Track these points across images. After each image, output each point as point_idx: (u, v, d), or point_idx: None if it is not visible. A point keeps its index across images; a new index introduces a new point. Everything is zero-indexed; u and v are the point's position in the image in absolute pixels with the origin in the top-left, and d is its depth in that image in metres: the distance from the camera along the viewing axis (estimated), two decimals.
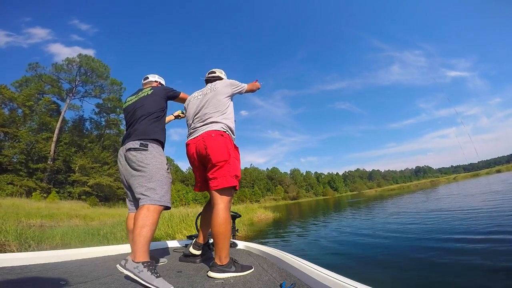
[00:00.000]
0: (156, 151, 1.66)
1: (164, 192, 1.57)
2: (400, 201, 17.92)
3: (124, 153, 1.67)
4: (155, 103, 1.82)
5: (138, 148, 1.62)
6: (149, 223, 1.40)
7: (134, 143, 1.64)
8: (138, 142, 1.63)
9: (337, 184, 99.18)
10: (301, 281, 1.24)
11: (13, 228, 6.02)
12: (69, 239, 6.84)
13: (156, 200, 1.49)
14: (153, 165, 1.60)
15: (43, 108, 30.85)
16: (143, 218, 1.40)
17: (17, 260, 1.61)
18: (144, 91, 1.90)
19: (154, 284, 1.23)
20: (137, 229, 1.37)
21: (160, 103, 1.85)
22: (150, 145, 1.65)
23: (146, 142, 1.64)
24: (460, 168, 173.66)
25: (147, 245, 1.36)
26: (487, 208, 7.72)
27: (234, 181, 1.58)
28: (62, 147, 30.61)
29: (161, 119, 1.83)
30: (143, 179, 1.56)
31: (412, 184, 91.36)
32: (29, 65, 31.12)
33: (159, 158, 1.65)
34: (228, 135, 1.69)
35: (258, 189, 70.20)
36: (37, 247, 5.88)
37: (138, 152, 1.61)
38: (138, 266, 1.28)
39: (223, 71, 2.10)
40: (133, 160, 1.62)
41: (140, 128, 1.70)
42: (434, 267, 3.53)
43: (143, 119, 1.73)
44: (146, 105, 1.78)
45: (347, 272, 1.07)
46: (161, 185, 1.57)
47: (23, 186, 24.15)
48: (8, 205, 14.64)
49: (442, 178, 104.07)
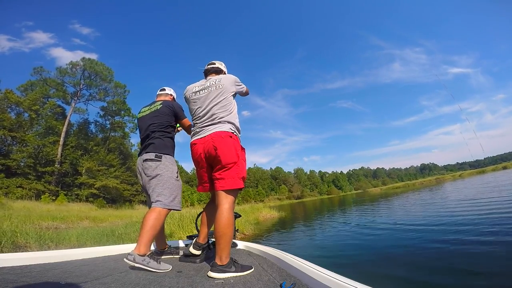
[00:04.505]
0: (168, 162, 1.96)
1: (173, 197, 1.88)
2: (404, 199, 17.72)
3: (142, 163, 1.96)
4: (164, 118, 2.08)
5: (153, 159, 1.92)
6: (158, 224, 1.73)
7: (150, 155, 1.94)
8: (153, 154, 1.93)
9: (342, 183, 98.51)
10: (301, 281, 1.23)
11: (32, 231, 6.18)
12: (84, 239, 6.96)
13: (165, 205, 1.81)
14: (165, 174, 1.90)
15: (48, 112, 31.28)
16: (154, 220, 1.71)
17: (17, 260, 1.61)
18: (155, 105, 2.16)
19: (161, 268, 1.60)
20: (147, 227, 1.66)
21: (169, 119, 2.11)
22: (164, 156, 1.95)
23: (160, 154, 1.95)
24: (466, 165, 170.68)
25: (152, 241, 1.71)
26: (495, 206, 7.57)
27: (241, 183, 1.59)
28: (68, 151, 31.05)
29: (171, 133, 2.13)
30: (157, 186, 1.86)
31: (417, 182, 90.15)
32: (34, 69, 31.70)
33: (171, 168, 1.96)
34: (236, 136, 1.68)
35: (262, 189, 70.20)
36: (55, 248, 5.99)
37: (153, 163, 1.92)
38: (145, 259, 1.58)
39: (223, 63, 2.05)
40: (149, 169, 1.91)
41: (155, 142, 1.99)
42: (434, 267, 3.50)
43: (157, 133, 2.02)
44: (158, 120, 2.06)
45: (347, 272, 1.06)
46: (171, 192, 1.88)
47: (32, 189, 24.57)
48: (19, 208, 14.96)
49: (447, 176, 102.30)
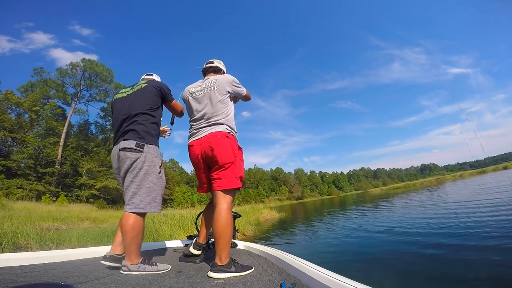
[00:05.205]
0: (151, 153, 1.61)
1: (152, 198, 1.57)
2: (405, 199, 17.70)
3: (118, 152, 1.61)
4: (151, 99, 1.73)
5: (133, 149, 1.56)
6: (138, 231, 1.53)
7: (129, 143, 1.57)
8: (134, 142, 1.57)
9: (342, 184, 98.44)
10: (301, 281, 1.22)
11: (33, 232, 6.19)
12: (85, 240, 6.97)
13: (140, 208, 1.53)
14: (144, 169, 1.57)
15: (49, 113, 31.35)
16: (133, 228, 1.50)
17: (17, 260, 1.61)
18: (139, 83, 1.83)
19: (159, 269, 1.56)
20: (128, 237, 1.49)
21: (155, 101, 1.76)
22: (147, 146, 1.60)
23: (143, 144, 1.59)
24: (466, 165, 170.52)
25: (139, 247, 1.55)
26: (495, 206, 7.56)
27: (239, 182, 1.60)
28: (69, 151, 31.10)
29: (157, 117, 1.75)
30: (131, 184, 1.56)
31: (418, 182, 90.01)
32: (34, 70, 31.78)
33: (153, 161, 1.61)
34: (232, 136, 1.69)
35: (263, 190, 70.15)
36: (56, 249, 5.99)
37: (132, 153, 1.56)
38: (140, 266, 1.51)
39: (221, 61, 2.04)
40: (126, 161, 1.57)
41: (137, 129, 1.61)
42: (434, 267, 3.49)
43: (140, 116, 1.64)
44: (143, 101, 1.70)
45: (347, 272, 1.06)
46: (149, 191, 1.57)
47: (32, 190, 24.62)
48: (20, 209, 14.95)
49: (448, 176, 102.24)
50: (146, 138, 1.62)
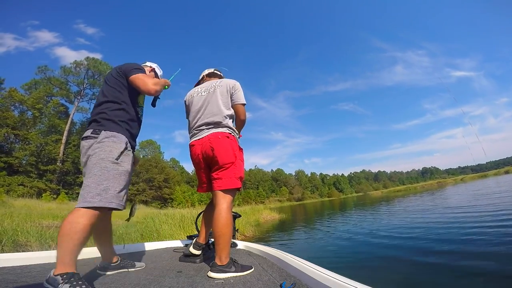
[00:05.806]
0: (107, 139, 1.35)
1: (102, 189, 1.23)
2: (406, 202, 17.63)
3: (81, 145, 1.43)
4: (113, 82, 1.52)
5: (88, 136, 1.37)
6: (74, 231, 1.13)
7: (87, 132, 1.40)
8: (91, 130, 1.39)
9: (343, 186, 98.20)
10: (301, 281, 1.23)
11: (33, 229, 6.19)
12: None
13: (87, 201, 1.19)
14: (96, 155, 1.30)
15: (52, 111, 31.55)
16: (69, 224, 1.14)
17: (17, 260, 1.62)
18: None
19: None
20: (59, 236, 1.13)
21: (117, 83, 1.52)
22: (103, 132, 1.37)
23: (100, 129, 1.38)
24: (468, 169, 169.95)
25: (69, 255, 1.11)
26: (494, 210, 7.52)
27: (239, 182, 1.61)
28: (71, 149, 31.23)
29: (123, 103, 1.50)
30: (84, 175, 1.32)
31: (419, 185, 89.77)
32: (38, 68, 32.00)
33: (108, 146, 1.33)
34: (233, 137, 1.70)
35: (263, 190, 70.10)
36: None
37: (87, 141, 1.37)
38: (57, 279, 1.07)
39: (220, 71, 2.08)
40: (82, 150, 1.39)
41: (97, 118, 1.42)
42: (434, 268, 3.48)
43: (103, 104, 1.46)
44: (106, 88, 1.51)
45: (347, 272, 1.06)
46: (99, 180, 1.25)
47: (33, 187, 24.66)
48: (20, 206, 14.98)
49: (449, 179, 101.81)
50: (105, 125, 1.40)
